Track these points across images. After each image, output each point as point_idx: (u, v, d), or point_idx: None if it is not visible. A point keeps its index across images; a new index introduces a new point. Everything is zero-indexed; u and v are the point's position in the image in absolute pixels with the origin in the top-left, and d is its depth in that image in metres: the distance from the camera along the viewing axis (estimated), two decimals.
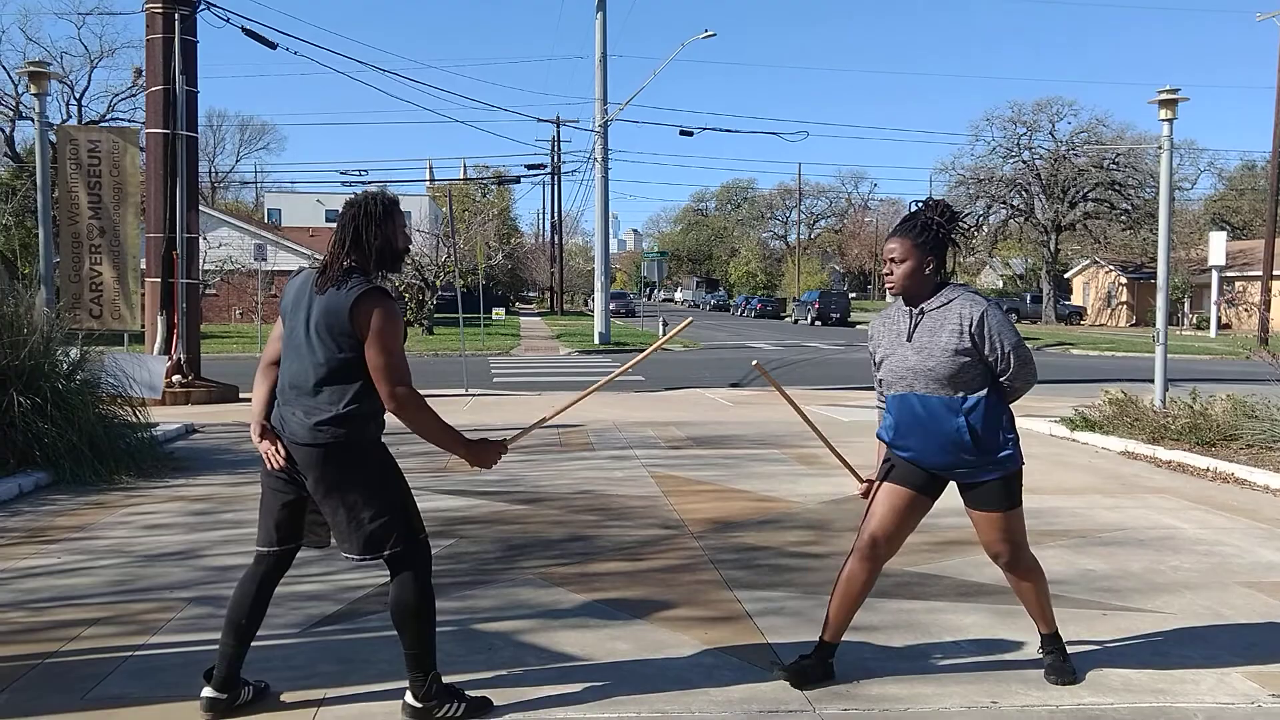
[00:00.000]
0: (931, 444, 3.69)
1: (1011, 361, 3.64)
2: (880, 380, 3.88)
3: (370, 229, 3.39)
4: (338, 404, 3.33)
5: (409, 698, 3.48)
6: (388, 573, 5.16)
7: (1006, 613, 4.62)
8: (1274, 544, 6.16)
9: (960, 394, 3.64)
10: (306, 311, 3.38)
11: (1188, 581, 5.30)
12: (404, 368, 3.36)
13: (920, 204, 3.80)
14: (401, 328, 3.39)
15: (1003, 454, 3.69)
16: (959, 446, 3.65)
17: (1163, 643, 4.34)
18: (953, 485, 3.83)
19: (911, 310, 3.76)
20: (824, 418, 12.77)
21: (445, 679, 3.55)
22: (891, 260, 3.74)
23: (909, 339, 3.72)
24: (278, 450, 3.41)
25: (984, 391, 3.66)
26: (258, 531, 3.57)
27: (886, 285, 3.78)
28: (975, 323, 3.61)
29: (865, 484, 3.95)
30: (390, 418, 3.43)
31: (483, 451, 3.57)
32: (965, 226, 3.94)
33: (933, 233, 3.70)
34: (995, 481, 3.70)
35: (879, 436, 3.92)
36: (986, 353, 3.63)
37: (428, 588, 3.48)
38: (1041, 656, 3.98)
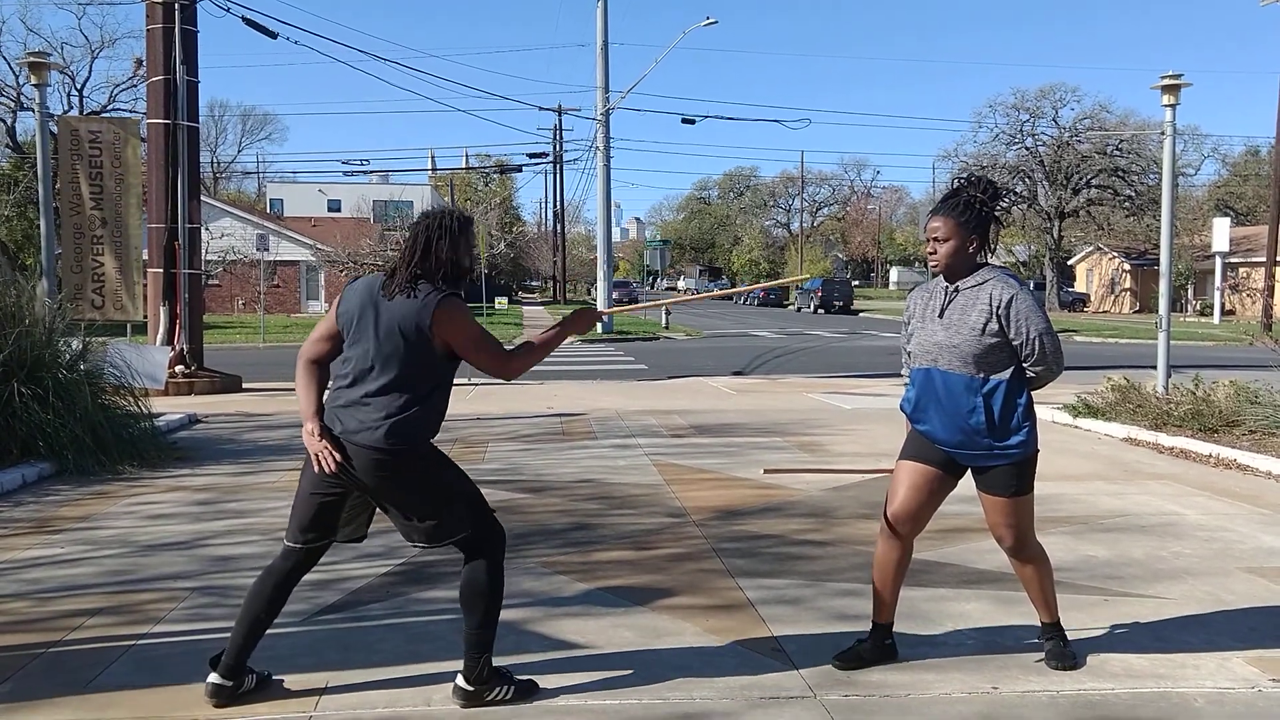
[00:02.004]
0: (946, 421, 3.70)
1: (1037, 348, 3.63)
2: (908, 352, 3.89)
3: (443, 243, 3.43)
4: (404, 408, 3.36)
5: (460, 680, 3.52)
6: (392, 564, 5.22)
7: (1009, 600, 4.63)
8: (1276, 530, 6.16)
9: (981, 374, 3.64)
10: (374, 316, 3.40)
11: (1189, 567, 5.30)
12: (499, 349, 3.49)
13: (962, 180, 3.76)
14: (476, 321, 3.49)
15: (1016, 439, 3.68)
16: (972, 427, 3.66)
17: (1164, 628, 4.35)
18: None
19: (948, 286, 3.75)
20: (826, 405, 12.77)
21: (449, 666, 3.57)
22: (935, 239, 3.72)
23: (940, 315, 3.72)
24: (333, 453, 3.38)
25: (1006, 375, 3.65)
26: (289, 527, 3.56)
27: (930, 265, 3.77)
28: (1004, 305, 3.61)
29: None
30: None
31: (584, 319, 3.76)
32: (1007, 204, 3.90)
33: (976, 211, 3.68)
34: (1006, 467, 3.70)
35: (901, 408, 3.92)
36: (1012, 336, 3.62)
37: (499, 570, 3.56)
38: (1042, 643, 3.99)
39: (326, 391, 3.56)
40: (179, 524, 6.28)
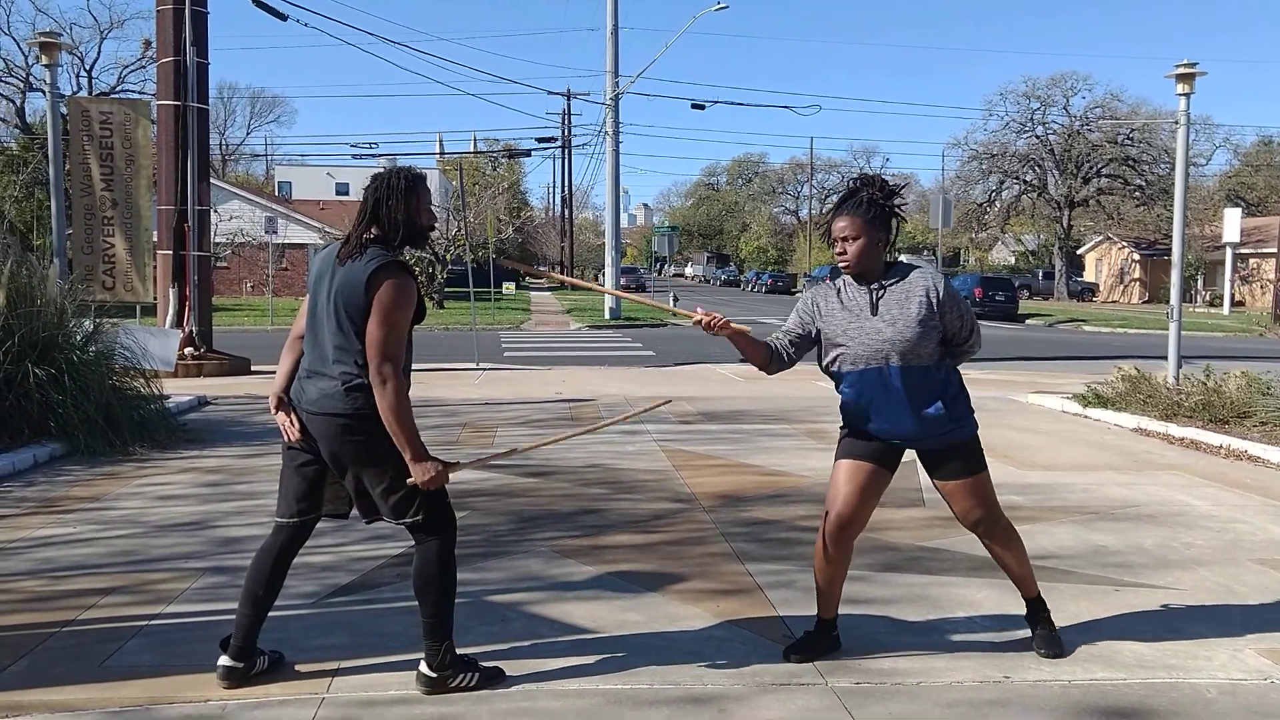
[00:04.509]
0: (901, 415, 3.70)
1: (972, 328, 3.77)
2: (785, 335, 3.85)
3: (391, 203, 3.39)
4: (354, 375, 3.34)
5: (423, 667, 3.51)
6: (404, 545, 5.22)
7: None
8: None
9: (930, 363, 3.70)
10: (329, 283, 3.40)
11: (1200, 558, 5.29)
12: (399, 346, 3.32)
13: (856, 181, 3.82)
14: (412, 307, 3.36)
15: (967, 418, 3.78)
16: (931, 416, 3.69)
17: (1175, 619, 4.34)
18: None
19: (871, 286, 3.75)
20: (833, 393, 12.74)
21: (460, 650, 3.57)
22: (844, 239, 3.73)
23: (874, 313, 3.71)
24: (293, 422, 3.45)
25: (944, 359, 3.75)
26: (278, 502, 3.59)
27: (840, 264, 3.78)
28: (941, 292, 3.70)
29: (702, 316, 3.70)
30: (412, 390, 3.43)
31: (429, 469, 3.34)
32: (903, 202, 3.99)
33: (879, 208, 3.73)
34: (964, 445, 3.77)
35: (843, 409, 3.87)
36: (951, 319, 3.70)
37: (450, 557, 3.50)
38: (1032, 629, 3.99)
39: None
40: (189, 505, 6.30)
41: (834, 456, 3.92)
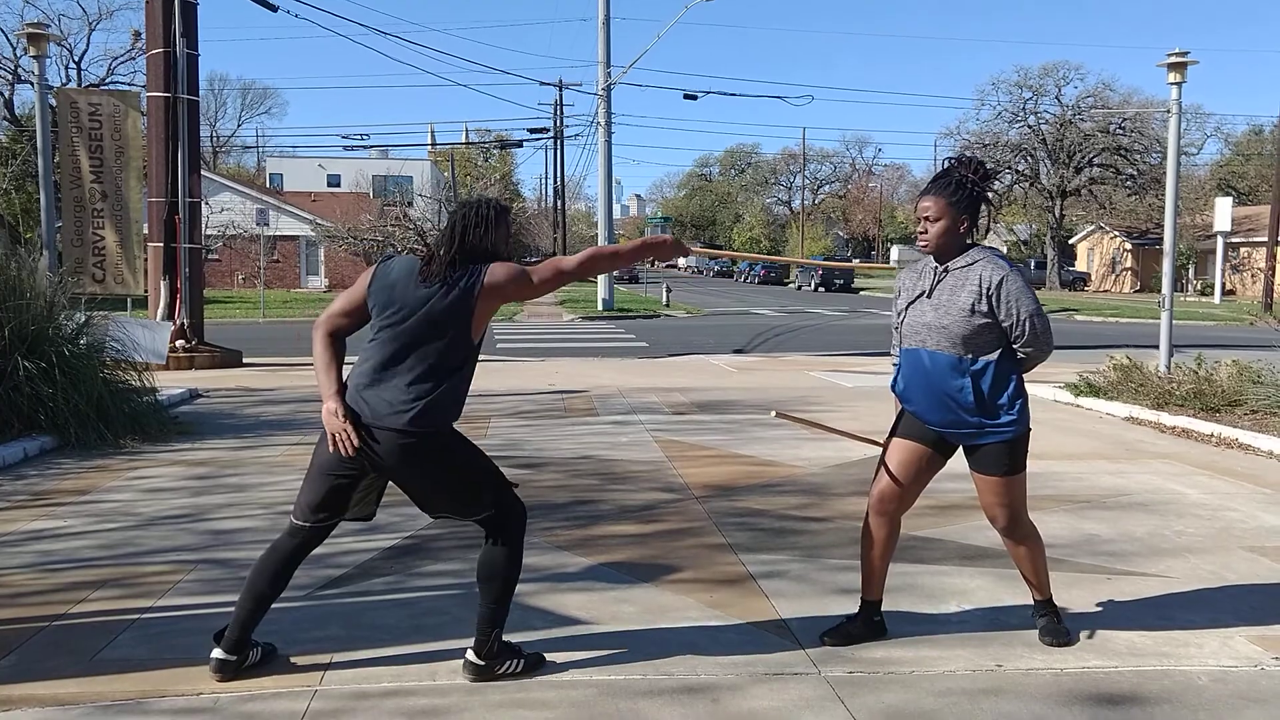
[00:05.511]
0: (934, 401, 3.70)
1: (1027, 329, 3.62)
2: (897, 330, 3.88)
3: (478, 230, 3.44)
4: (433, 392, 3.36)
5: (471, 655, 3.54)
6: (396, 538, 5.22)
7: (1010, 577, 4.61)
8: (1277, 509, 6.16)
9: (970, 355, 3.63)
10: (410, 300, 3.38)
11: (1191, 546, 5.30)
12: (546, 266, 3.52)
13: (953, 160, 3.74)
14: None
15: (1006, 419, 3.67)
16: (959, 406, 3.66)
17: (1166, 606, 4.35)
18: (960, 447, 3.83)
19: (937, 267, 3.74)
20: (827, 383, 12.77)
21: (453, 642, 3.58)
22: (925, 218, 3.70)
23: (929, 295, 3.70)
24: (353, 436, 3.35)
25: (995, 355, 3.65)
26: (298, 504, 3.54)
27: (920, 244, 3.75)
28: (994, 286, 3.59)
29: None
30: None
31: (668, 248, 3.85)
32: (1000, 185, 3.89)
33: (967, 190, 3.66)
34: (997, 445, 3.69)
35: (892, 389, 3.93)
36: (1002, 318, 3.61)
37: (518, 550, 3.57)
38: (1036, 620, 4.00)
39: (346, 369, 3.53)
40: (181, 498, 6.28)
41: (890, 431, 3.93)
